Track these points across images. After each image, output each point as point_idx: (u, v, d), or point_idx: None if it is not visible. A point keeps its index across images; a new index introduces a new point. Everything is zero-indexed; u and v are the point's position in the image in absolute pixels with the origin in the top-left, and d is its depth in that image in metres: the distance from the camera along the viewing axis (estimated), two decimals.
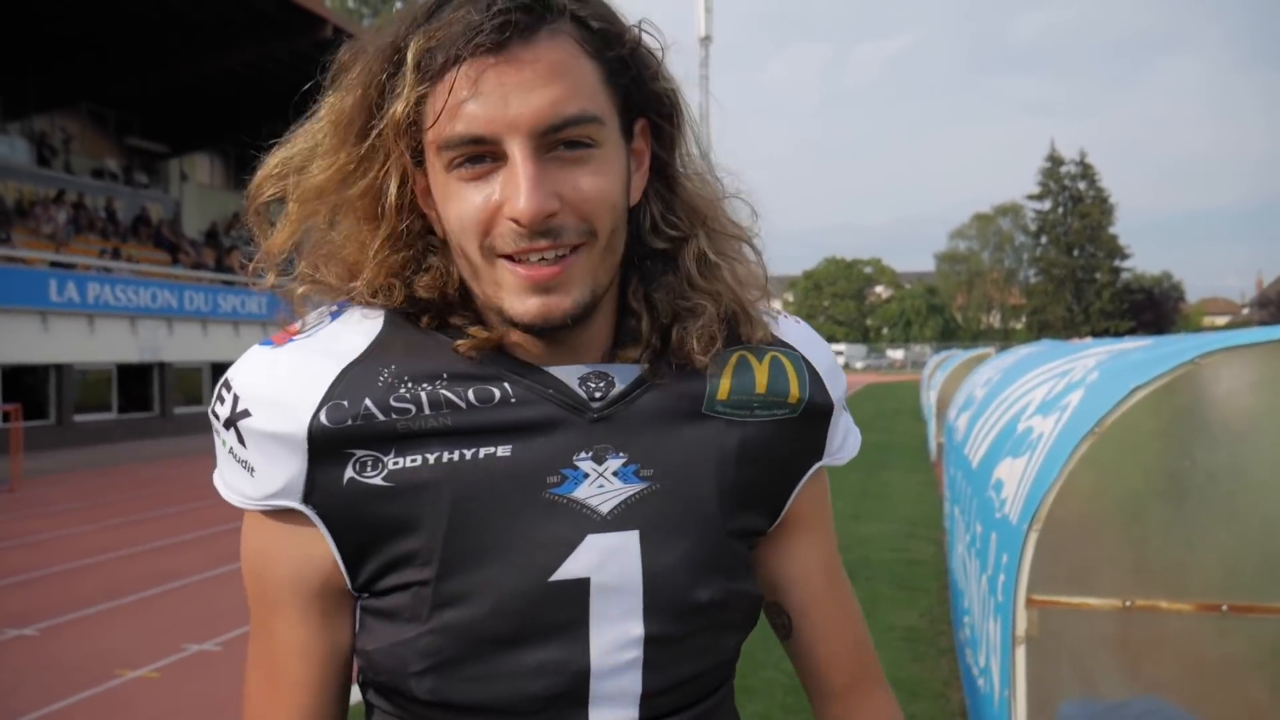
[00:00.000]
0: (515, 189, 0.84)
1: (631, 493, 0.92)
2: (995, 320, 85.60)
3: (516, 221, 0.85)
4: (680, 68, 0.98)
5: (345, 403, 0.87)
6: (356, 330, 0.93)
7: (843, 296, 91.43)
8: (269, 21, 21.38)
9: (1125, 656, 3.16)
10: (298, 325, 0.96)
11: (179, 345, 22.70)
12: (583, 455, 0.91)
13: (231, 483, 0.93)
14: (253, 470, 0.90)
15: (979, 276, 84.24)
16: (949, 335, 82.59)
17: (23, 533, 10.36)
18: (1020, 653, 2.73)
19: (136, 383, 22.10)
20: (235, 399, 0.90)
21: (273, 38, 21.91)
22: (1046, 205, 79.25)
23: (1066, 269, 76.73)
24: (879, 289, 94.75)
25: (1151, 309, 74.35)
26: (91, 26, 21.25)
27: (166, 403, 23.00)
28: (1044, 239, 79.46)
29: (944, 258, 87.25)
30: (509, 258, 0.87)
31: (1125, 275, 77.40)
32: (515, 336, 0.92)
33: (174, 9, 20.94)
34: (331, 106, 0.96)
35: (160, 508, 11.98)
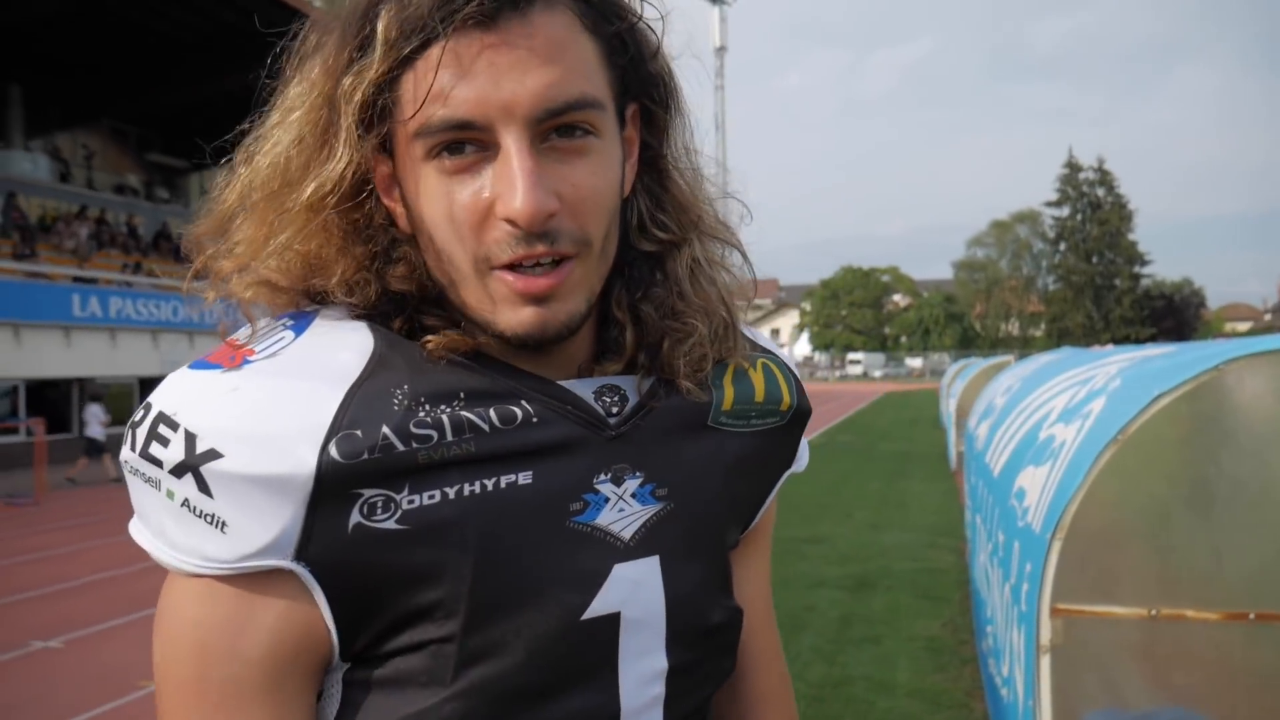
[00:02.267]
0: (510, 184, 0.73)
1: (650, 514, 0.83)
2: (1014, 328, 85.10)
3: (512, 222, 0.74)
4: (690, 72, 0.90)
5: (358, 432, 0.72)
6: (342, 345, 0.77)
7: (860, 305, 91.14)
8: (289, 38, 21.54)
9: (1151, 666, 3.13)
10: (243, 341, 0.78)
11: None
12: (602, 477, 0.81)
13: (185, 544, 0.73)
14: (224, 525, 0.71)
15: (997, 284, 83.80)
16: (968, 343, 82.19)
17: (47, 545, 10.44)
18: (1045, 662, 2.72)
19: None
20: (190, 437, 0.71)
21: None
22: (1065, 212, 78.86)
23: (1086, 276, 76.27)
24: (897, 297, 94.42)
25: (1172, 315, 73.77)
26: (113, 44, 21.47)
27: None
28: (1063, 246, 79.03)
29: (962, 266, 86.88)
30: (505, 267, 0.76)
31: (1145, 282, 76.87)
32: (497, 344, 0.81)
33: (193, 26, 21.15)
34: (294, 96, 0.84)
35: None
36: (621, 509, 0.82)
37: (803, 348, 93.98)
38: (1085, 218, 77.54)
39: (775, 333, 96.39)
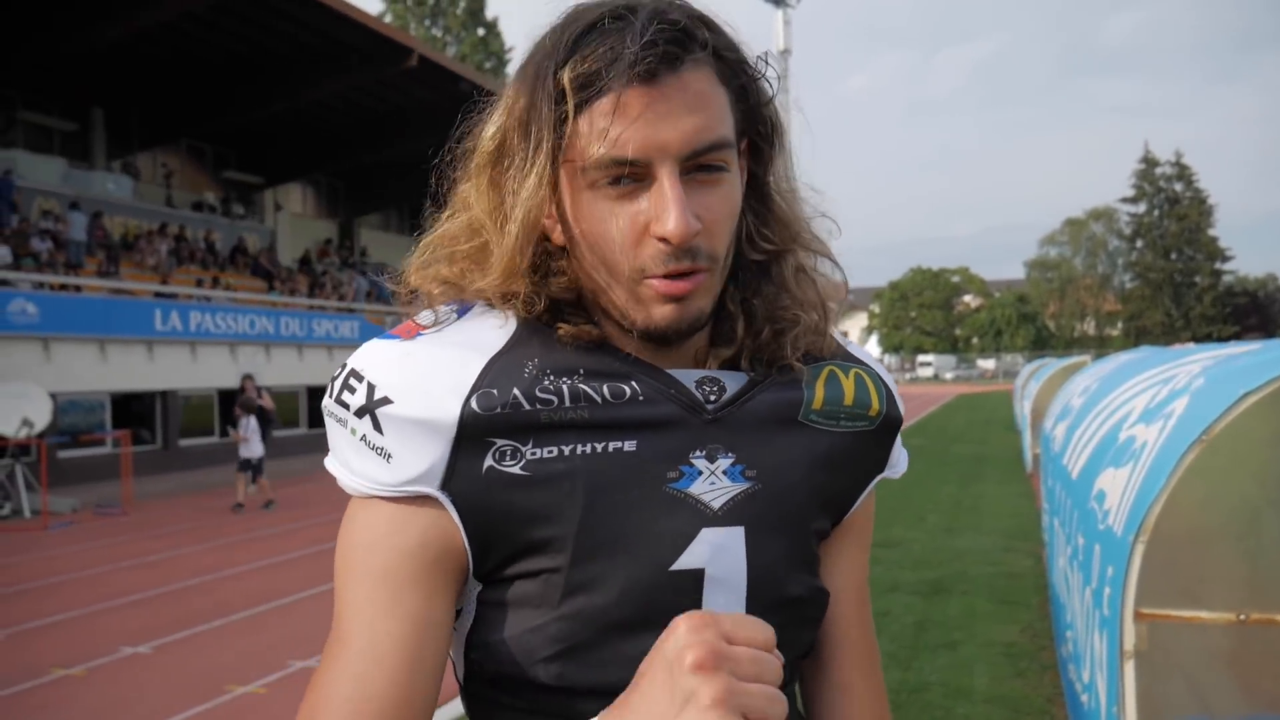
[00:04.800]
0: (665, 209, 0.89)
1: (738, 491, 0.97)
2: (1089, 328, 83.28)
3: (665, 240, 0.90)
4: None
5: (495, 391, 0.90)
6: (491, 327, 0.97)
7: (930, 307, 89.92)
8: (357, 52, 22.01)
9: (1241, 672, 3.05)
10: (422, 321, 0.98)
11: (276, 370, 23.35)
12: (698, 453, 0.96)
13: (360, 470, 0.93)
14: (389, 457, 0.91)
15: (1071, 283, 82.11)
16: (1041, 344, 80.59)
17: (135, 554, 10.77)
18: (1129, 668, 2.66)
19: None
20: (370, 387, 0.91)
21: (360, 68, 22.55)
22: (1141, 208, 77.01)
23: (1164, 273, 74.35)
24: (967, 298, 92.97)
25: (1256, 313, 71.59)
26: (190, 66, 22.12)
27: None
28: (1139, 243, 77.19)
29: (1035, 265, 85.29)
30: (654, 277, 0.92)
31: (1227, 278, 74.71)
32: (622, 339, 0.98)
33: (268, 45, 21.71)
34: (491, 137, 1.00)
35: (263, 528, 12.35)
36: (713, 483, 0.96)
37: (872, 350, 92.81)
38: (1163, 214, 75.62)
39: (844, 335, 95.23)
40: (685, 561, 0.94)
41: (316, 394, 25.39)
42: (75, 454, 18.01)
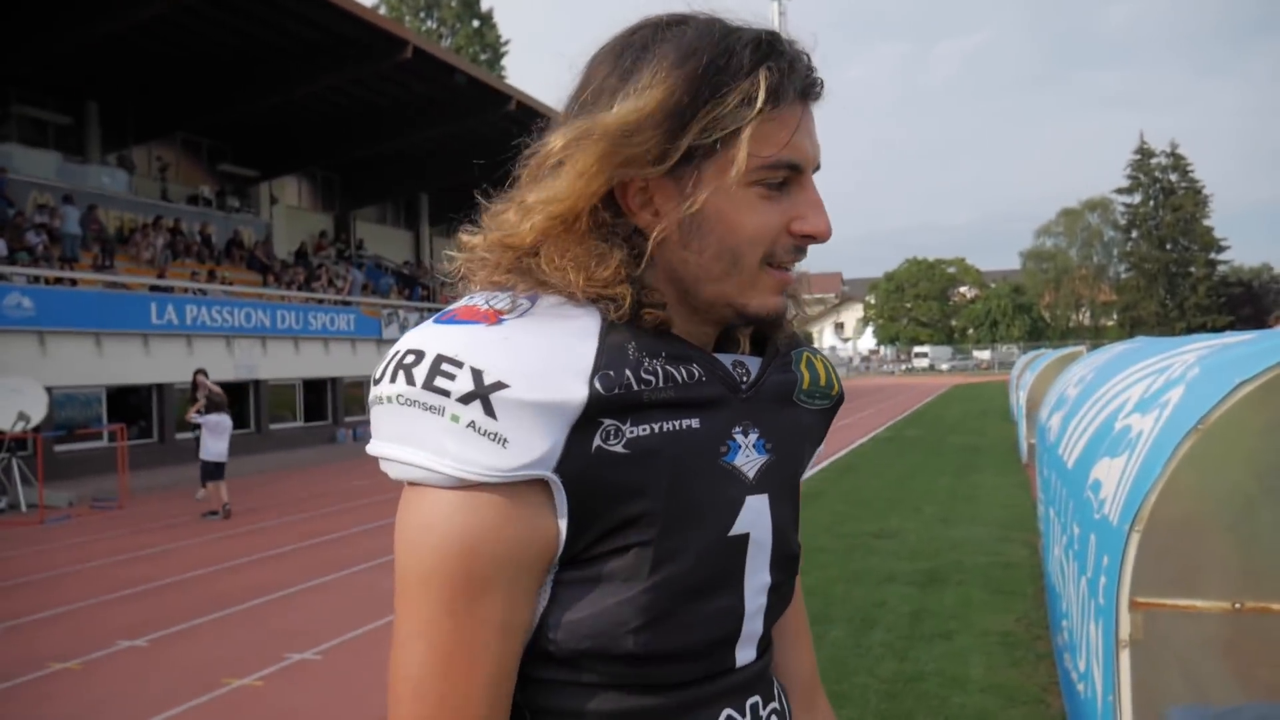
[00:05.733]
0: (815, 210, 1.02)
1: (764, 462, 1.06)
2: (1085, 318, 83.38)
3: (813, 237, 1.02)
4: None
5: (612, 372, 0.93)
6: (574, 313, 0.98)
7: (925, 297, 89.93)
8: (352, 45, 21.97)
9: (1236, 661, 3.06)
10: (499, 306, 0.97)
11: (272, 363, 23.35)
12: (738, 429, 1.04)
13: (465, 456, 0.91)
14: (505, 442, 0.90)
15: (1067, 274, 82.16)
16: (1037, 334, 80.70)
17: (132, 547, 10.78)
18: (1124, 656, 2.67)
19: (233, 401, 22.80)
20: (477, 373, 0.90)
21: (356, 61, 22.52)
22: (1136, 199, 77.08)
23: (1159, 263, 74.44)
24: (963, 289, 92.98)
25: (1251, 302, 71.71)
26: (185, 59, 22.06)
27: (261, 419, 23.68)
28: (1134, 233, 77.25)
29: (1030, 255, 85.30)
30: (778, 266, 1.02)
31: (1222, 268, 74.84)
32: (679, 323, 1.03)
33: (263, 38, 21.66)
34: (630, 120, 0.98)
35: (258, 522, 12.34)
36: (747, 455, 1.04)
37: (867, 341, 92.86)
38: (1158, 204, 75.71)
39: (840, 326, 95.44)
40: (738, 527, 1.03)
41: (313, 387, 25.41)
42: (71, 448, 18.01)
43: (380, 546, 10.09)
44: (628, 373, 0.94)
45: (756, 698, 1.09)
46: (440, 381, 0.91)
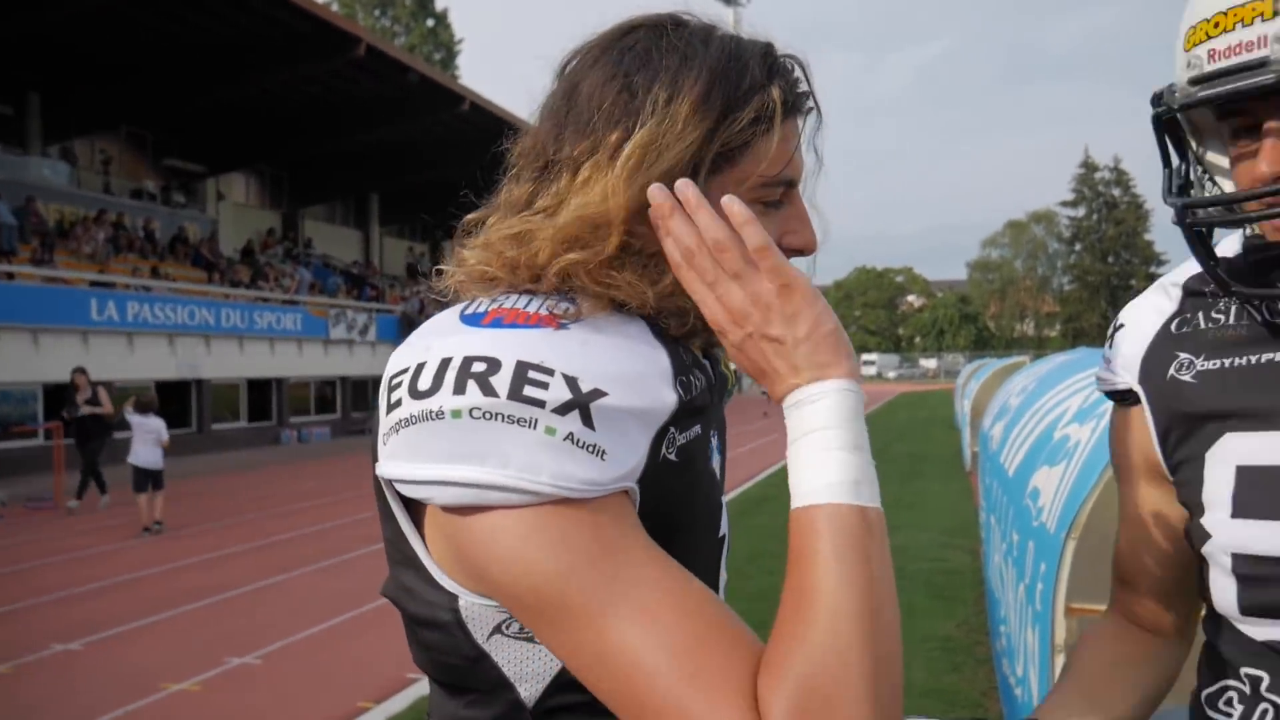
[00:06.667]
0: (804, 224, 1.02)
1: (721, 462, 1.07)
2: (1029, 328, 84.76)
3: (801, 251, 1.02)
4: None
5: (685, 378, 0.92)
6: (625, 318, 0.94)
7: (873, 306, 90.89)
8: (305, 42, 21.70)
9: None
10: (555, 312, 0.90)
11: (216, 362, 22.97)
12: (714, 433, 1.04)
13: (561, 471, 0.81)
14: (604, 454, 0.82)
15: (1012, 284, 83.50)
16: (982, 344, 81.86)
17: (67, 549, 10.54)
18: (1060, 661, 2.72)
19: (175, 400, 22.40)
20: (571, 380, 0.83)
21: (308, 58, 22.24)
22: (1081, 212, 78.63)
23: (1101, 276, 75.98)
24: (911, 298, 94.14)
25: None
26: (131, 51, 21.63)
27: (204, 419, 23.28)
28: (1078, 246, 78.78)
29: (977, 266, 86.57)
30: None
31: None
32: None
33: (213, 32, 21.30)
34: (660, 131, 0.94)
35: (200, 523, 12.12)
36: (717, 457, 1.05)
37: None
38: (1101, 217, 77.27)
39: None
40: (721, 528, 1.05)
41: (257, 387, 25.03)
42: (6, 446, 17.57)
43: (324, 549, 9.96)
44: (690, 378, 0.93)
45: None
46: (531, 391, 0.81)
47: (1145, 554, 1.33)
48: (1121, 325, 1.33)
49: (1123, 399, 1.30)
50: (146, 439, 11.42)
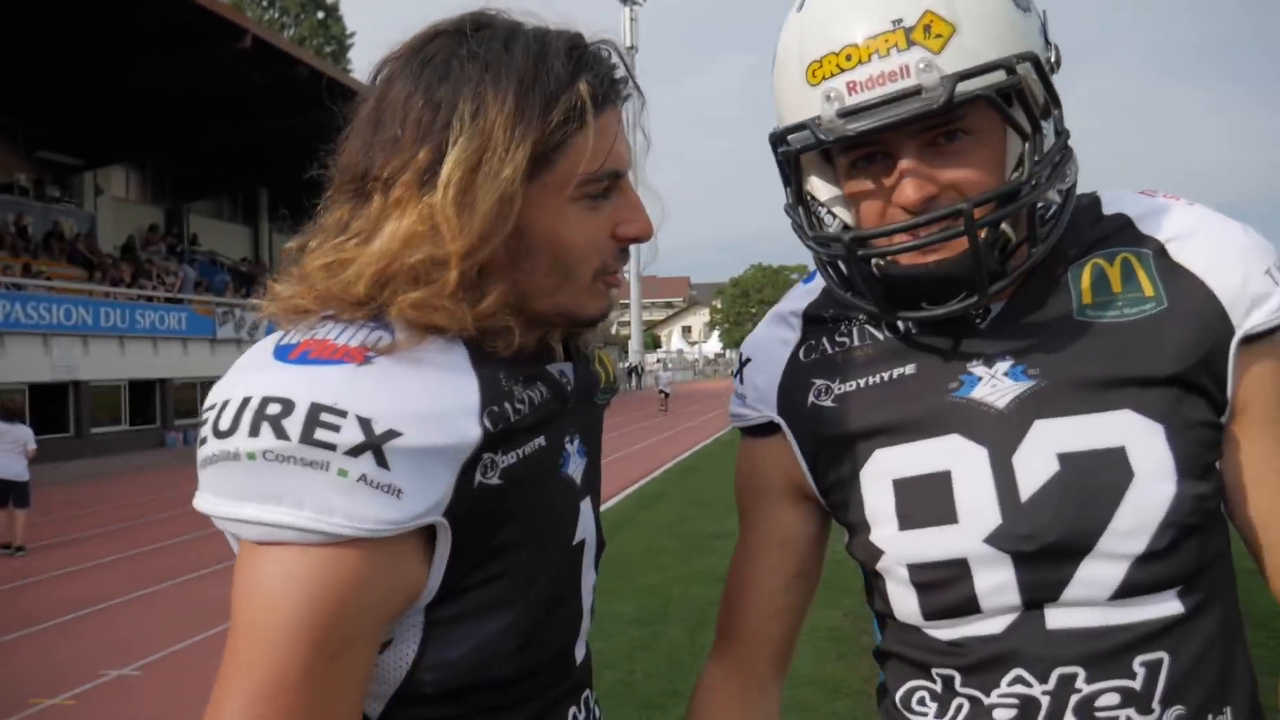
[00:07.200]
0: (636, 212, 1.01)
1: (583, 465, 1.08)
2: None
3: (637, 239, 1.02)
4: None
5: (496, 407, 0.90)
6: (440, 342, 0.92)
7: (770, 302, 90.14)
8: (188, 31, 20.99)
9: None
10: (365, 344, 0.88)
11: (95, 363, 22.08)
12: (567, 439, 1.05)
13: (360, 514, 0.82)
14: (399, 493, 0.83)
15: None
16: None
17: None
18: None
19: (51, 403, 21.45)
20: (365, 422, 0.82)
21: (191, 48, 21.52)
22: None
23: None
24: None
25: None
26: (1, 36, 20.65)
27: (83, 423, 22.35)
28: None
29: None
30: (609, 273, 1.02)
31: None
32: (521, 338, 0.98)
33: (89, 19, 20.43)
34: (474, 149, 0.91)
35: (77, 531, 11.65)
36: (575, 462, 1.06)
37: (714, 345, 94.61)
38: None
39: (687, 330, 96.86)
40: (578, 534, 1.05)
41: (140, 388, 24.13)
42: None
43: (207, 555, 9.66)
44: (507, 405, 0.91)
45: (588, 690, 1.12)
46: (322, 434, 0.81)
47: (766, 585, 1.34)
48: (749, 360, 1.32)
49: (760, 431, 1.29)
50: (10, 448, 10.40)
